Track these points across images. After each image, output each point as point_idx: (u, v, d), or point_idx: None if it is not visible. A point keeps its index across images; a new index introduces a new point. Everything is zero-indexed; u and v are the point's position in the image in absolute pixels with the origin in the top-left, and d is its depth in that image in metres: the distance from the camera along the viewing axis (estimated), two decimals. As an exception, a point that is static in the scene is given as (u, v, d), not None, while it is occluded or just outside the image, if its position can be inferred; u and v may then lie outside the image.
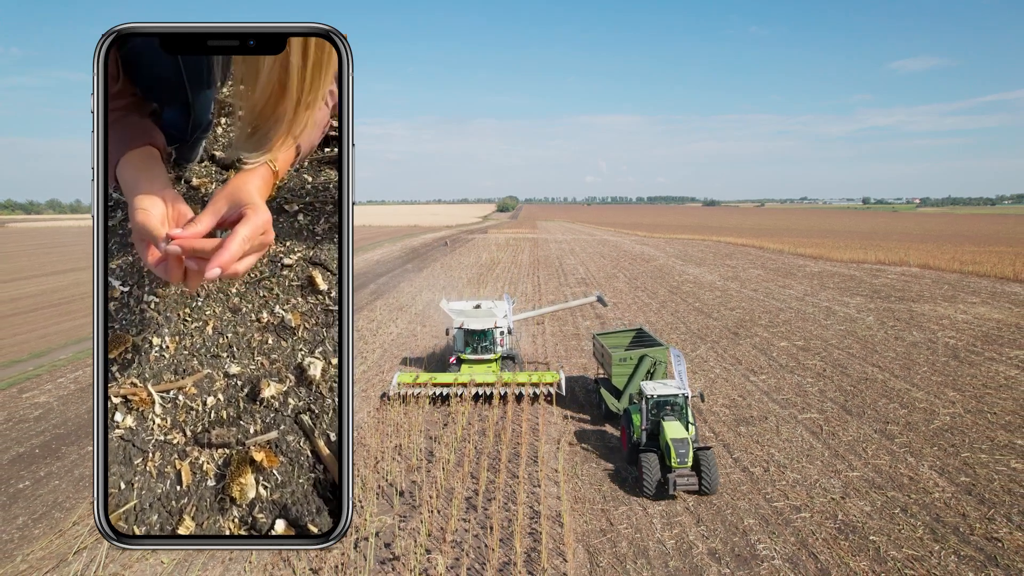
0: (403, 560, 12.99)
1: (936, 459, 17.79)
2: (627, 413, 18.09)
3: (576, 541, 13.77)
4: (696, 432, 16.88)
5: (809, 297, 45.77)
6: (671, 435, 15.68)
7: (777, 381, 25.34)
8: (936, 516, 14.68)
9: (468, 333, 24.12)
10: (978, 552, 13.17)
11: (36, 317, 40.28)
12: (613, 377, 20.73)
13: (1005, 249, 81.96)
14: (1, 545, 13.73)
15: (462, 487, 16.14)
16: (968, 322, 36.23)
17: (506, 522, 14.41)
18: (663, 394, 16.74)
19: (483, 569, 12.60)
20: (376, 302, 44.20)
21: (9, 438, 19.77)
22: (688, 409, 16.81)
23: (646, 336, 23.69)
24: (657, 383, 17.60)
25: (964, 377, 25.50)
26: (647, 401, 16.62)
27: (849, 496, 15.74)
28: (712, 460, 15.59)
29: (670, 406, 16.76)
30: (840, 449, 18.61)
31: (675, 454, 15.32)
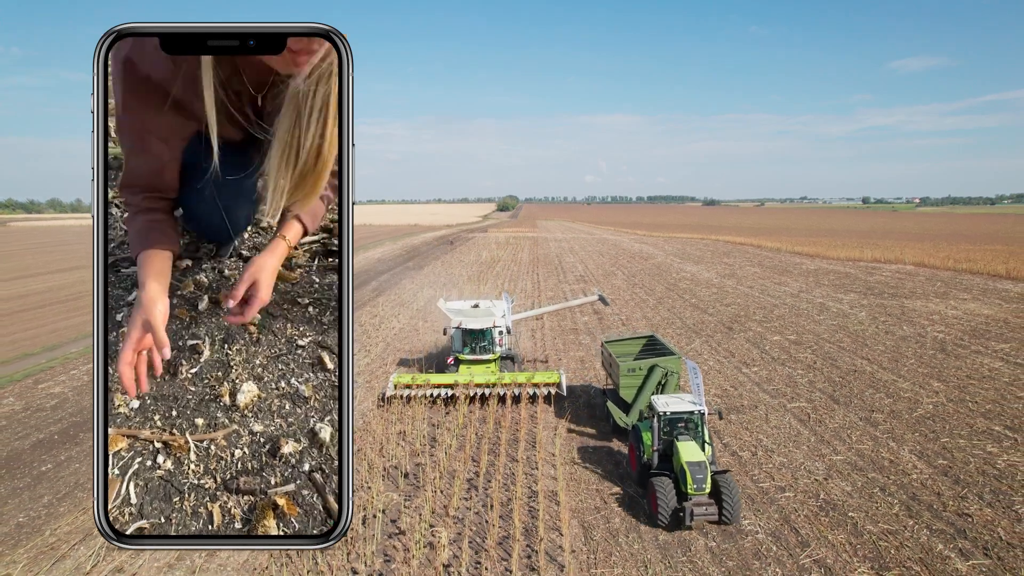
0: (408, 534, 13.80)
1: (916, 444, 18.61)
2: (636, 430, 16.57)
3: (572, 517, 14.59)
4: (713, 453, 15.34)
5: (804, 294, 46.57)
6: (686, 457, 14.05)
7: (768, 373, 26.16)
8: (912, 495, 15.50)
9: (466, 333, 23.73)
10: (949, 527, 13.99)
11: (45, 313, 41.09)
12: (621, 389, 19.27)
13: (1000, 247, 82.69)
14: (30, 521, 14.55)
15: (463, 469, 16.95)
16: (958, 317, 37.04)
17: (505, 500, 15.22)
18: (677, 411, 15.23)
19: (483, 542, 13.41)
20: (378, 298, 45.00)
21: (28, 425, 20.59)
22: (704, 428, 15.30)
23: (658, 344, 22.23)
24: (670, 397, 16.10)
25: (949, 369, 26.31)
26: (659, 418, 15.14)
27: (832, 477, 16.55)
28: (733, 486, 13.90)
29: (684, 424, 15.30)
30: (826, 435, 19.42)
31: (691, 480, 13.69)
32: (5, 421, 20.92)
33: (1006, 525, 13.99)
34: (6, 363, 28.25)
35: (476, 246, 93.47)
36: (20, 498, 15.68)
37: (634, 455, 16.60)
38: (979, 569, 12.42)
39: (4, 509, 15.11)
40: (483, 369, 23.24)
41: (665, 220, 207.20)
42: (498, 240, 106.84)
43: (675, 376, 18.89)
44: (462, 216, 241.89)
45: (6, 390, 24.21)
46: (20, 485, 16.39)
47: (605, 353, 21.77)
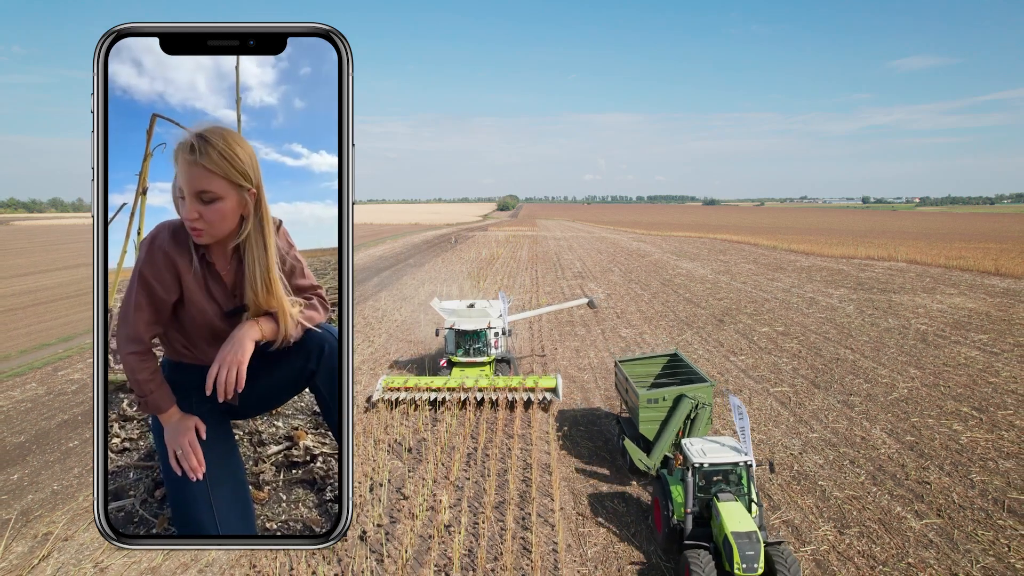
0: (412, 499, 15.04)
1: (888, 423, 19.83)
2: (662, 481, 13.34)
3: (563, 484, 15.83)
4: (761, 514, 12.06)
5: (795, 289, 47.78)
6: (732, 526, 11.04)
7: (755, 361, 27.38)
8: (879, 467, 16.73)
9: (459, 334, 22.63)
10: (908, 492, 15.23)
11: (57, 307, 42.32)
12: (640, 424, 15.91)
13: (993, 246, 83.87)
14: (64, 489, 15.80)
15: (463, 445, 18.18)
16: (942, 311, 38.24)
17: (502, 471, 16.45)
18: (717, 462, 12.21)
19: (481, 506, 14.65)
20: (380, 293, 46.25)
21: (53, 407, 21.83)
22: (752, 484, 12.21)
23: (683, 364, 18.70)
24: (706, 442, 12.98)
25: (928, 357, 27.53)
26: (694, 471, 12.21)
27: (806, 452, 17.78)
28: (791, 560, 10.67)
29: (725, 477, 12.34)
30: (804, 416, 20.64)
31: (739, 557, 10.65)
32: (31, 404, 22.17)
33: (960, 491, 15.23)
34: (26, 352, 29.52)
35: (476, 244, 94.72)
36: (52, 470, 16.92)
37: (659, 512, 13.28)
38: (931, 527, 13.66)
39: (39, 479, 16.37)
40: (477, 372, 22.00)
41: (664, 219, 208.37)
42: (498, 238, 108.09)
43: (707, 409, 15.56)
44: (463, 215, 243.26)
45: (29, 376, 25.48)
46: (51, 459, 17.64)
47: (620, 375, 18.26)
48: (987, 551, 12.75)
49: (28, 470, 16.89)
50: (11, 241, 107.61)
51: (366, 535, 13.61)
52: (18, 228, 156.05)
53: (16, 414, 21.13)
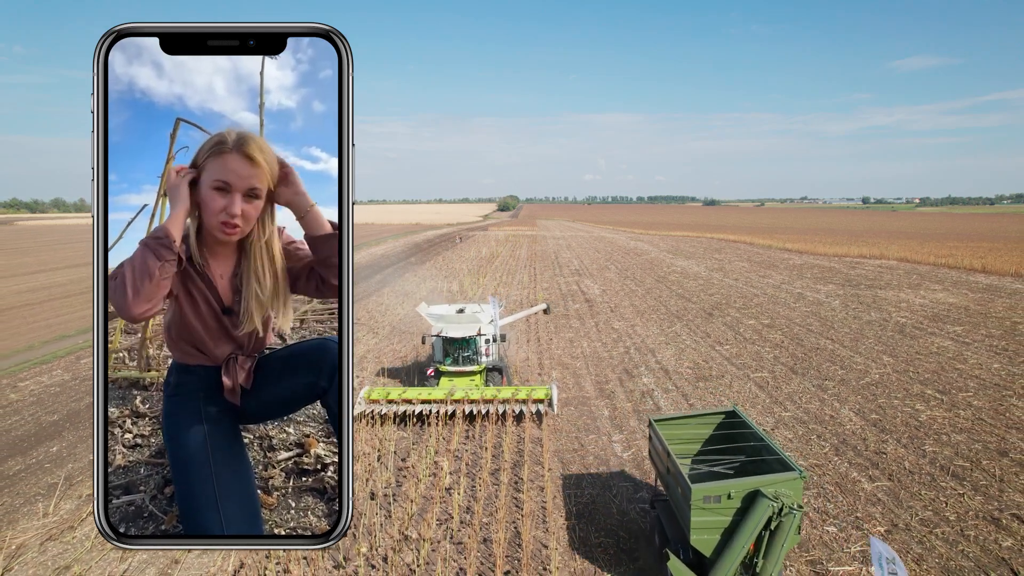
0: (414, 467, 16.62)
1: (856, 404, 21.39)
2: None
3: (553, 455, 17.40)
4: None
5: (785, 285, 49.34)
6: None
7: (739, 350, 28.94)
8: (843, 440, 18.29)
9: (448, 341, 21.51)
10: (865, 461, 16.80)
11: (71, 302, 43.90)
12: (692, 531, 10.15)
13: (984, 244, 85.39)
14: (88, 467, 17.39)
15: (461, 425, 19.75)
16: (924, 305, 39.80)
17: (498, 444, 18.03)
18: None
19: (478, 471, 16.22)
20: (383, 289, 47.84)
21: (80, 391, 23.43)
22: None
23: (744, 428, 12.66)
24: None
25: (902, 347, 29.09)
26: None
27: (778, 428, 19.35)
28: None
29: None
30: (780, 398, 22.20)
31: None
32: (59, 388, 23.78)
33: (912, 459, 16.80)
34: (48, 343, 31.17)
35: (476, 243, 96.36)
36: (87, 443, 18.51)
37: None
38: (880, 488, 15.23)
39: (76, 451, 17.97)
40: (466, 382, 21.05)
41: (664, 219, 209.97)
42: (498, 237, 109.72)
43: (794, 516, 9.87)
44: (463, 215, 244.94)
45: (54, 364, 27.12)
46: (84, 434, 19.23)
47: (656, 442, 12.61)
48: (927, 507, 14.31)
49: (65, 443, 18.48)
50: (16, 241, 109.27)
51: (375, 495, 15.19)
52: (22, 228, 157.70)
53: (47, 396, 22.74)
